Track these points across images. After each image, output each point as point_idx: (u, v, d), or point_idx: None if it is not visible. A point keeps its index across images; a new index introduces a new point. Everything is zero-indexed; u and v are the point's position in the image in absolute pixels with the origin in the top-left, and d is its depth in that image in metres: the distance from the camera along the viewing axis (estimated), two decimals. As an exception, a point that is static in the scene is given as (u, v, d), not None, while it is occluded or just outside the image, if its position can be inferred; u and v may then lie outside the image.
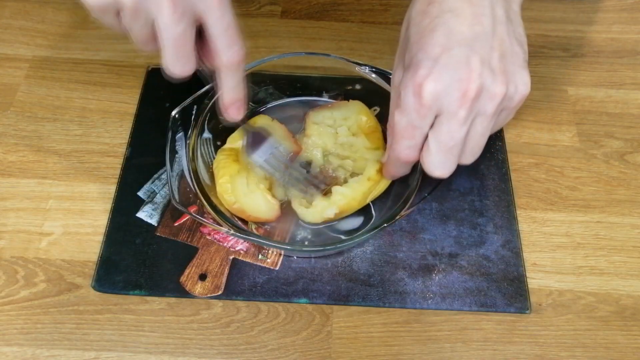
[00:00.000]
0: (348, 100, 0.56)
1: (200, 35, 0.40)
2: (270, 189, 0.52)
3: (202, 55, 0.42)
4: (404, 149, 0.42)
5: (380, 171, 0.50)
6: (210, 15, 0.38)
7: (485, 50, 0.38)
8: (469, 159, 0.42)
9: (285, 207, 0.52)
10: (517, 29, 0.41)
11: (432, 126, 0.40)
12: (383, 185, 0.51)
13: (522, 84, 0.39)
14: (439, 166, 0.41)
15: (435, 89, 0.38)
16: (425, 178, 0.48)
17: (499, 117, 0.40)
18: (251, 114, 0.58)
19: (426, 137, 0.41)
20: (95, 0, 0.37)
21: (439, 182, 0.47)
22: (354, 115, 0.55)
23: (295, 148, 0.53)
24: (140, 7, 0.36)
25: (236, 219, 0.51)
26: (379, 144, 0.54)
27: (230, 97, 0.44)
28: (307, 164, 0.54)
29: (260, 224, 0.52)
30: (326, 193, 0.51)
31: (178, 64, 0.39)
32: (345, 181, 0.52)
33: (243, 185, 0.50)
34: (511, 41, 0.39)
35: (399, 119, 0.40)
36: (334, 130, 0.55)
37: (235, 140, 0.54)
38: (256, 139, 0.51)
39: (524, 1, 0.42)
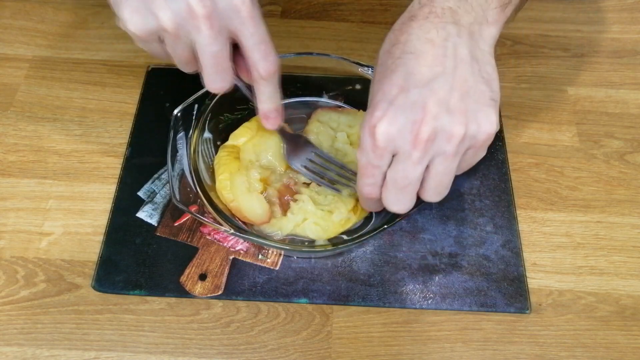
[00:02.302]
0: (359, 110, 0.56)
1: (234, 51, 0.42)
2: (263, 190, 0.52)
3: (237, 70, 0.44)
4: (365, 187, 0.43)
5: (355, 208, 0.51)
6: (245, 30, 0.40)
7: (444, 90, 0.38)
8: (433, 197, 0.42)
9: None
10: (485, 67, 0.40)
11: (389, 166, 0.40)
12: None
13: (486, 122, 0.39)
14: (395, 202, 0.42)
15: (387, 131, 0.38)
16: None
17: (465, 156, 0.40)
18: (253, 114, 0.58)
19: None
20: (139, 29, 0.39)
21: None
22: (358, 126, 0.55)
23: (284, 165, 0.53)
24: (180, 30, 0.38)
25: (237, 219, 0.51)
26: None
27: (268, 106, 0.46)
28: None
29: (249, 224, 0.52)
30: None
31: (218, 79, 0.42)
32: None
33: (242, 185, 0.50)
34: (475, 80, 0.39)
35: (359, 157, 0.41)
36: (334, 134, 0.55)
37: (237, 138, 0.54)
38: (293, 144, 0.52)
39: (497, 40, 0.42)
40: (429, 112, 0.37)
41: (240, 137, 0.54)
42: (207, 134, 0.54)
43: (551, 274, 0.52)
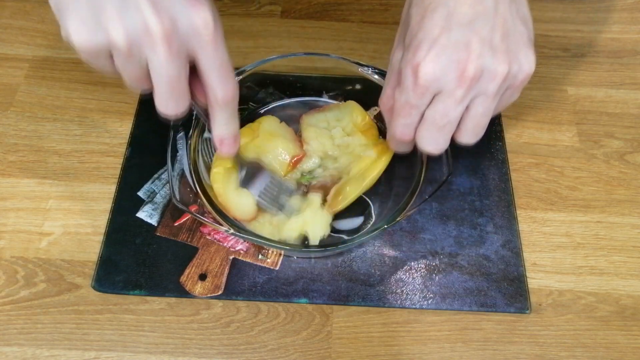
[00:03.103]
0: (340, 102, 0.56)
1: (190, 71, 0.39)
2: None
3: (193, 91, 0.40)
4: (400, 127, 0.43)
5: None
6: (204, 52, 0.37)
7: (486, 30, 0.38)
8: (471, 138, 0.42)
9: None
10: (521, 7, 0.41)
11: (429, 106, 0.41)
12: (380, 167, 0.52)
13: (526, 62, 0.40)
14: (430, 142, 0.42)
15: (433, 70, 0.38)
16: (426, 180, 0.48)
17: (502, 96, 0.41)
18: (253, 114, 0.58)
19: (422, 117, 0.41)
20: (85, 44, 0.34)
21: (440, 184, 0.47)
22: (348, 116, 0.55)
23: (300, 152, 0.53)
24: (133, 48, 0.35)
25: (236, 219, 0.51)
26: (375, 140, 0.54)
27: (224, 132, 0.42)
28: (299, 185, 0.53)
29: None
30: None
31: (172, 103, 0.38)
32: (340, 178, 0.52)
33: (234, 180, 0.50)
34: (514, 20, 0.40)
35: (397, 97, 0.41)
36: (330, 132, 0.55)
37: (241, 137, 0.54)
38: (250, 173, 0.51)
39: None
40: (473, 51, 0.38)
41: (243, 137, 0.54)
42: (207, 134, 0.54)
43: (551, 274, 0.52)
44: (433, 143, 0.42)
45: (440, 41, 0.38)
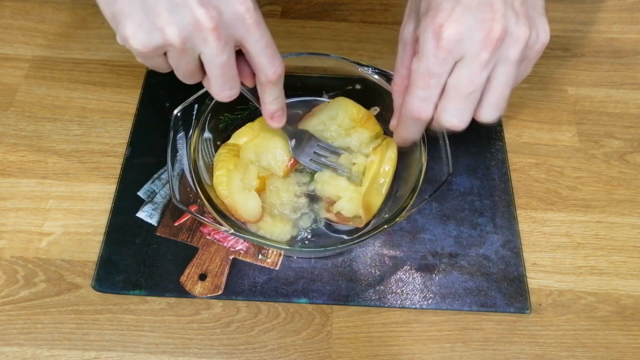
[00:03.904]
0: (328, 100, 0.57)
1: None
2: (262, 189, 0.52)
3: (240, 76, 0.44)
4: (417, 102, 0.40)
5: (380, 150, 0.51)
6: (251, 37, 0.39)
7: None
8: (492, 113, 0.40)
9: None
10: None
11: (450, 74, 0.39)
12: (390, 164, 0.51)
13: (542, 31, 0.39)
14: (455, 114, 0.39)
15: (457, 31, 0.37)
16: (426, 180, 0.48)
17: (519, 68, 0.39)
18: (253, 114, 0.58)
19: (442, 91, 0.39)
20: (143, 46, 0.37)
21: (440, 184, 0.47)
22: (342, 112, 0.55)
23: (292, 161, 0.53)
24: (187, 43, 0.38)
25: (235, 218, 0.51)
26: (378, 130, 0.54)
27: (274, 107, 0.46)
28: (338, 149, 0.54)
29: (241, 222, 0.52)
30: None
31: (226, 88, 0.42)
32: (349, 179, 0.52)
33: (237, 182, 0.50)
34: None
35: (415, 67, 0.39)
36: (329, 134, 0.55)
37: (239, 137, 0.54)
38: (299, 140, 0.52)
39: None
40: (497, 10, 0.37)
41: (243, 136, 0.54)
42: (207, 134, 0.54)
43: (551, 274, 0.52)
44: (458, 115, 0.39)
45: (463, 1, 0.37)
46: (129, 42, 0.37)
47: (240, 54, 0.42)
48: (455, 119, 0.40)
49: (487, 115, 0.40)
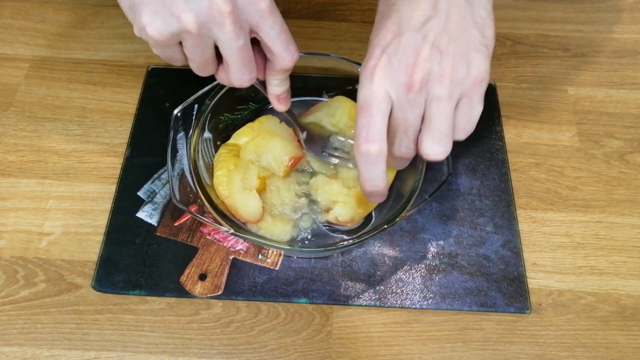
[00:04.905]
0: (327, 99, 0.57)
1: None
2: (263, 189, 0.51)
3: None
4: (359, 128, 0.41)
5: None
6: (265, 23, 0.40)
7: (435, 32, 0.39)
8: (432, 147, 0.41)
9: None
10: (479, 11, 0.41)
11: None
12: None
13: (474, 66, 0.39)
14: (400, 146, 0.42)
15: (383, 76, 0.39)
16: (426, 180, 0.48)
17: (459, 107, 0.40)
18: (253, 114, 0.58)
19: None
20: (160, 33, 0.38)
21: (440, 184, 0.47)
22: (339, 110, 0.55)
23: (299, 153, 0.53)
24: (203, 30, 0.38)
25: (236, 218, 0.51)
26: None
27: (280, 90, 0.47)
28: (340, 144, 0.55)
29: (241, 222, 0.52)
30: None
31: (245, 72, 0.42)
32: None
33: (238, 182, 0.50)
34: (467, 24, 0.40)
35: (358, 95, 0.41)
36: (330, 132, 0.55)
37: (239, 137, 0.54)
38: (310, 133, 0.53)
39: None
40: (420, 55, 0.39)
41: (243, 136, 0.54)
42: (207, 134, 0.54)
43: (551, 274, 0.52)
44: (402, 147, 0.42)
45: (390, 48, 0.39)
46: (146, 30, 0.38)
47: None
48: (402, 149, 0.42)
49: (429, 150, 0.41)
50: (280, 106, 0.48)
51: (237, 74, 0.42)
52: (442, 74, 0.39)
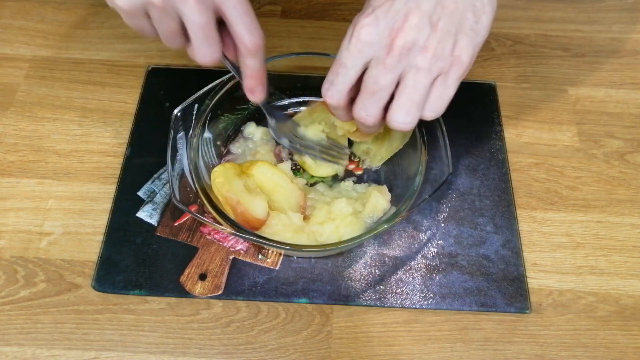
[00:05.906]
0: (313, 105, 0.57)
1: (221, 29, 0.44)
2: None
3: (224, 49, 0.45)
4: (325, 84, 0.44)
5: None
6: (228, 3, 0.41)
7: (429, 5, 0.39)
8: (401, 115, 0.41)
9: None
10: (478, 1, 0.41)
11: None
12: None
13: (459, 48, 0.40)
14: (361, 108, 0.42)
15: (367, 34, 0.39)
16: (426, 180, 0.48)
17: (434, 85, 0.40)
18: (252, 114, 0.58)
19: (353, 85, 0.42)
20: (126, 4, 0.40)
21: (440, 184, 0.47)
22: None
23: (303, 201, 0.53)
24: (167, 4, 0.40)
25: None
26: None
27: (252, 83, 0.47)
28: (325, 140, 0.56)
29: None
30: None
31: (207, 49, 0.42)
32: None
33: (240, 185, 0.50)
34: (464, 5, 0.40)
35: (338, 55, 0.42)
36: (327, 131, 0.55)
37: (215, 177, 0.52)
38: (281, 123, 0.53)
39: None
40: (408, 21, 0.39)
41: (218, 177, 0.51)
42: (207, 134, 0.54)
43: (551, 273, 0.52)
44: (364, 109, 0.42)
45: (382, 8, 0.40)
46: (115, 1, 0.40)
47: (224, 25, 0.43)
48: (362, 112, 0.43)
49: (396, 117, 0.42)
50: (252, 98, 0.48)
51: (199, 50, 0.43)
52: (427, 46, 0.39)
